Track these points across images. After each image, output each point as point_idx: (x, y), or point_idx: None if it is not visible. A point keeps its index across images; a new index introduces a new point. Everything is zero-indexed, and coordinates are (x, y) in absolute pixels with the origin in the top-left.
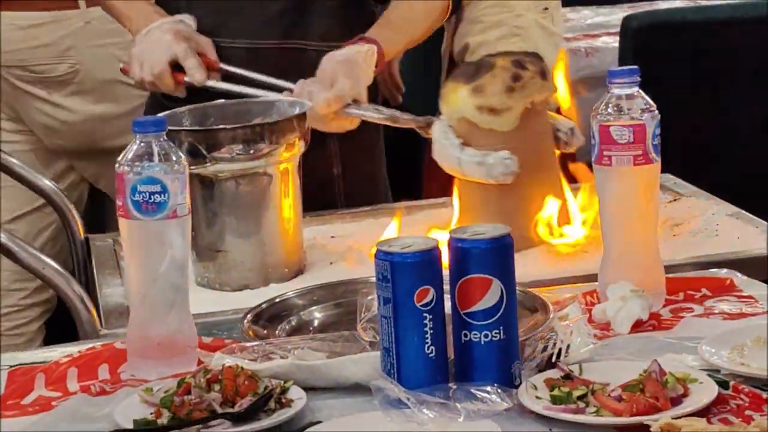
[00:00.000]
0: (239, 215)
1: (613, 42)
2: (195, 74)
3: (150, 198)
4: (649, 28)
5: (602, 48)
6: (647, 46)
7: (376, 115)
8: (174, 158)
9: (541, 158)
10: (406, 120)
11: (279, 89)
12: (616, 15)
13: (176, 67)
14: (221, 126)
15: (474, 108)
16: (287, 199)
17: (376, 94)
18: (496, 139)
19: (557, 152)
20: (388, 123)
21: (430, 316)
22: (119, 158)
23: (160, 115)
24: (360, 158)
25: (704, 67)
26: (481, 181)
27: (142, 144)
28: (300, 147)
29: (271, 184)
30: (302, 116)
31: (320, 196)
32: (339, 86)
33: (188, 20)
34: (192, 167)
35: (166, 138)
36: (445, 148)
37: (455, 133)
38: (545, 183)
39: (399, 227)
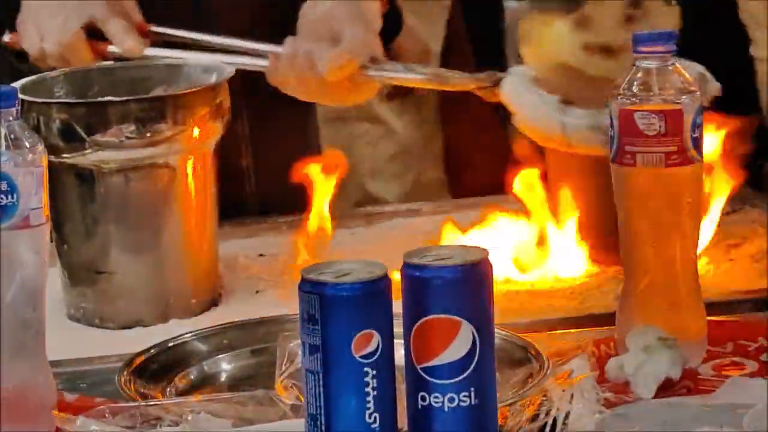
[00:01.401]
0: (130, 223)
1: None
2: (124, 41)
3: None
4: None
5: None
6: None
7: (412, 75)
8: (27, 145)
9: None
10: (459, 79)
11: (254, 54)
12: None
13: (92, 33)
14: (107, 98)
15: (579, 48)
16: (197, 202)
17: None
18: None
19: None
20: (430, 86)
21: (374, 372)
22: None
23: (17, 83)
24: (280, 145)
25: None
26: (597, 151)
27: None
28: (217, 129)
29: (175, 180)
30: (222, 86)
31: (224, 196)
32: (349, 40)
33: None
34: (65, 155)
35: (19, 115)
36: (538, 110)
37: (547, 88)
38: None
39: None
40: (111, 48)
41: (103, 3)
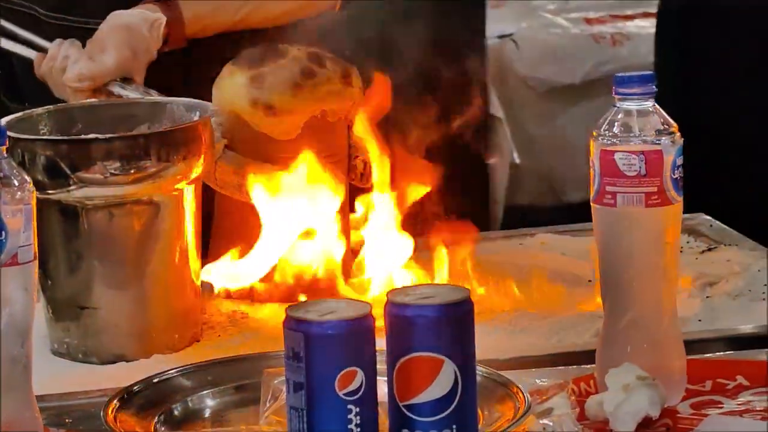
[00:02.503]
0: (113, 259)
1: (651, 27)
2: None
3: None
4: (696, 10)
5: (635, 35)
6: (693, 34)
7: (134, 95)
8: (16, 183)
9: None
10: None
11: (33, 47)
12: None
13: None
14: (92, 135)
15: (248, 101)
16: (180, 238)
17: None
18: (269, 148)
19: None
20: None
21: (357, 409)
22: None
23: (2, 120)
24: None
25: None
26: (237, 196)
27: None
28: (200, 166)
29: (158, 216)
30: (205, 123)
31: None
32: (105, 58)
33: None
34: (50, 191)
35: (6, 154)
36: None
37: (223, 131)
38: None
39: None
40: None
41: None
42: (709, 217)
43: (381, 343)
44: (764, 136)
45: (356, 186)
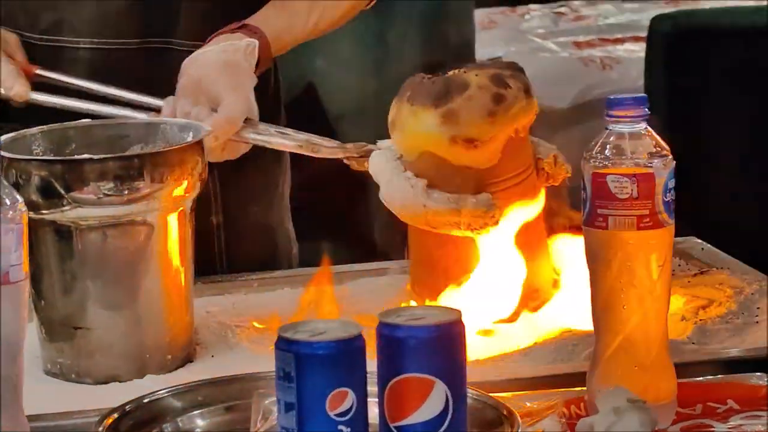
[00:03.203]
0: (107, 279)
1: (641, 51)
2: (14, 85)
3: None
4: (686, 34)
5: (625, 59)
6: (683, 57)
7: (286, 141)
8: (8, 202)
9: (526, 200)
10: (330, 149)
11: (137, 107)
12: (647, 13)
13: None
14: (86, 156)
15: (447, 139)
16: (174, 259)
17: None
18: (471, 178)
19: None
20: (302, 152)
21: (348, 429)
22: None
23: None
24: (250, 202)
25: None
26: (456, 233)
27: None
28: (194, 187)
29: (152, 237)
30: (198, 145)
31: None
32: (227, 105)
33: None
34: (44, 211)
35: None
36: (404, 191)
37: (414, 172)
38: (532, 233)
39: (327, 301)
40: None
41: None
42: (700, 241)
43: (372, 364)
44: (754, 159)
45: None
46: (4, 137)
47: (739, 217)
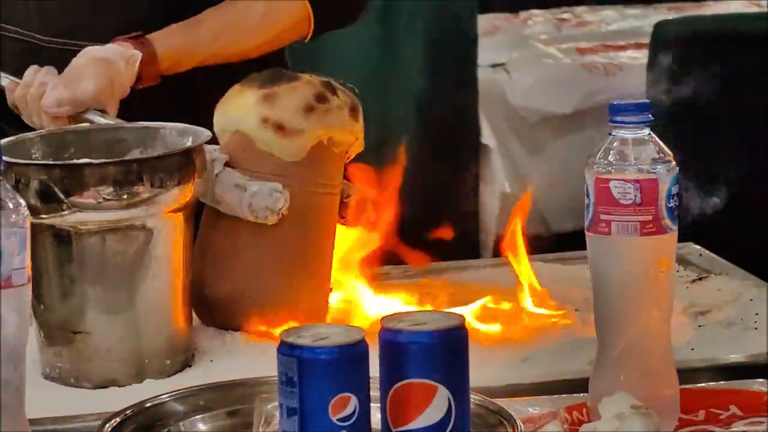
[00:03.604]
0: (106, 284)
1: (643, 57)
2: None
3: None
4: (690, 40)
5: (628, 65)
6: (687, 64)
7: (104, 123)
8: (11, 205)
9: (319, 215)
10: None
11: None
12: (650, 19)
13: None
14: (85, 160)
15: (259, 119)
16: (173, 264)
17: None
18: (272, 168)
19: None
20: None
21: None
22: None
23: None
24: None
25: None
26: (237, 215)
27: None
28: (193, 192)
29: (152, 241)
30: (198, 150)
31: None
32: (84, 86)
33: None
34: (43, 216)
35: (0, 177)
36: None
37: (224, 149)
38: (316, 248)
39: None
40: None
41: None
42: (699, 247)
43: (375, 369)
44: (754, 165)
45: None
46: (3, 141)
47: (739, 223)
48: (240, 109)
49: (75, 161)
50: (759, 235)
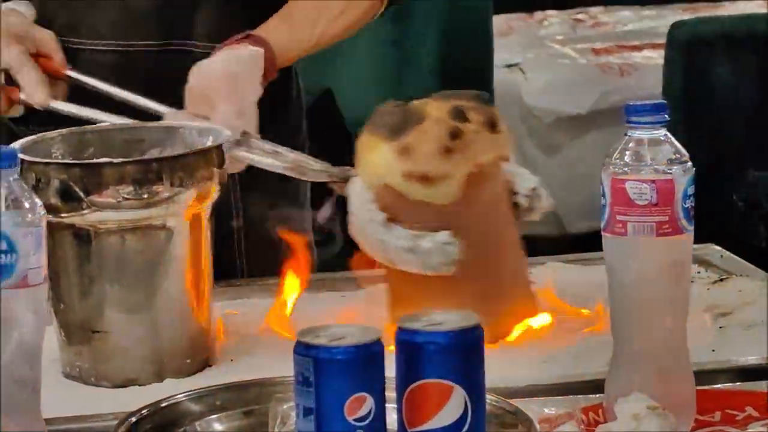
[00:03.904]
0: (126, 283)
1: (659, 57)
2: (34, 93)
3: None
4: (706, 40)
5: (643, 65)
6: (702, 64)
7: (275, 162)
8: (27, 205)
9: (495, 235)
10: (316, 172)
11: (148, 114)
12: (665, 20)
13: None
14: (105, 159)
15: (401, 175)
16: (193, 263)
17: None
18: (432, 213)
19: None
20: (289, 173)
21: None
22: None
23: (17, 143)
24: (271, 207)
25: None
26: (414, 270)
27: None
28: (214, 192)
29: (172, 241)
30: (218, 149)
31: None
32: (221, 117)
33: (23, 7)
34: (63, 215)
35: (18, 176)
36: (365, 226)
37: (378, 204)
38: (503, 268)
39: None
40: (22, 96)
41: (19, 51)
42: (719, 248)
43: (390, 369)
44: None
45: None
46: (23, 140)
47: (759, 224)
48: (379, 165)
49: (95, 160)
50: None
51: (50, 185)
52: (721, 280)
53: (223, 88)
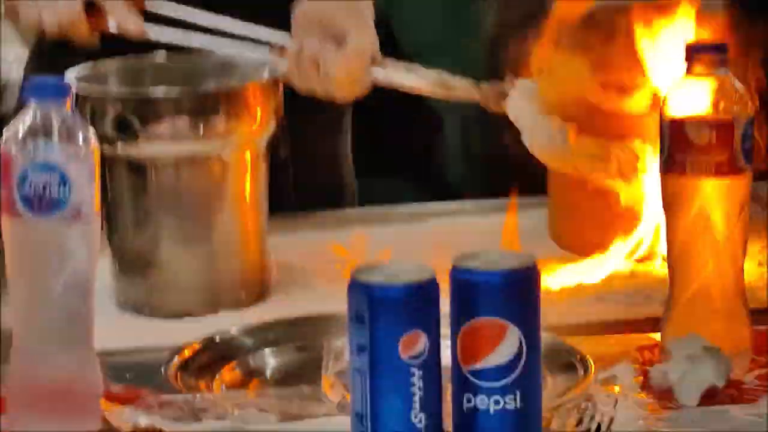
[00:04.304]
0: (181, 215)
1: None
2: (125, 20)
3: (44, 191)
4: None
5: None
6: None
7: (416, 80)
8: (81, 137)
9: None
10: (464, 88)
11: (259, 43)
12: None
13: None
14: (161, 90)
15: (597, 85)
16: (248, 197)
17: None
18: (618, 126)
19: None
20: (434, 91)
21: (421, 373)
22: (4, 134)
23: (71, 72)
24: (319, 134)
25: None
26: (601, 177)
27: (38, 115)
28: (270, 125)
29: (227, 174)
30: (275, 82)
31: None
32: (355, 42)
33: None
34: (119, 146)
35: (74, 107)
36: (551, 136)
37: (561, 116)
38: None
39: None
40: (111, 24)
41: None
42: None
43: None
44: None
45: None
46: (77, 69)
47: None
48: (575, 78)
49: (151, 92)
50: None
51: (106, 116)
52: None
53: (348, 11)
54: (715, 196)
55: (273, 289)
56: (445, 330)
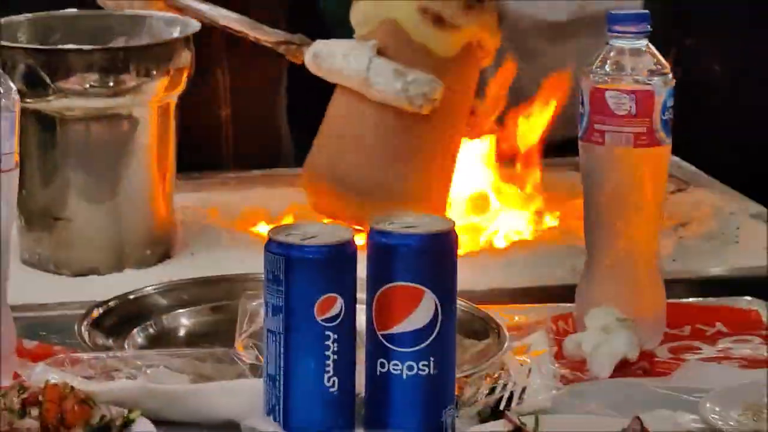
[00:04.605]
0: (89, 171)
1: None
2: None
3: None
4: None
5: None
6: None
7: (217, 14)
8: (2, 89)
9: (456, 117)
10: (270, 31)
11: None
12: None
13: None
14: (72, 46)
15: (416, 9)
16: (157, 154)
17: None
18: (421, 61)
19: None
20: (238, 29)
21: (335, 336)
22: None
23: None
24: (258, 96)
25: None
26: (388, 101)
27: None
28: (181, 83)
29: (137, 131)
30: (185, 40)
31: (200, 146)
32: None
33: None
34: (28, 100)
35: None
36: (350, 48)
37: (377, 39)
38: (450, 145)
39: None
40: None
41: None
42: (678, 158)
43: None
44: (737, 79)
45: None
46: None
47: (719, 136)
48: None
49: (62, 46)
50: (740, 149)
51: (16, 70)
52: (680, 190)
53: None
54: (634, 167)
55: (179, 248)
56: (362, 294)
